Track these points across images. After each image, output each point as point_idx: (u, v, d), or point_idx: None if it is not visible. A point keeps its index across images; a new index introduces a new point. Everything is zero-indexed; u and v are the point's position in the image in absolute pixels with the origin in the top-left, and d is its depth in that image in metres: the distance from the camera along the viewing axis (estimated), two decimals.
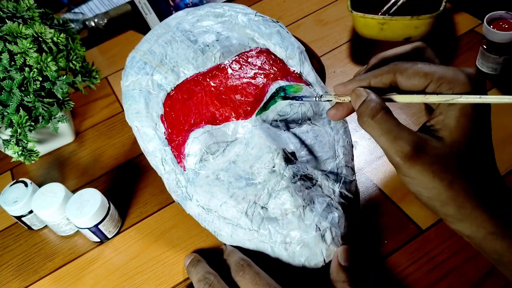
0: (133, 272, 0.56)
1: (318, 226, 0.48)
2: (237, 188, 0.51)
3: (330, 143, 0.53)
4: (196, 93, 0.54)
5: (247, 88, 0.54)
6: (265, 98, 0.53)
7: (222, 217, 0.51)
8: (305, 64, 0.58)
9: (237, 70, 0.55)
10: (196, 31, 0.58)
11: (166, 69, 0.55)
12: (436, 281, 0.49)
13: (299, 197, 0.48)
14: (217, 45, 0.56)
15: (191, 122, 0.53)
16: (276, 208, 0.49)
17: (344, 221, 0.50)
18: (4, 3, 0.62)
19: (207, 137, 0.52)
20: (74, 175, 0.68)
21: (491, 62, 0.65)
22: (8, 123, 0.59)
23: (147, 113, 0.55)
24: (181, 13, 0.61)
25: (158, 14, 0.91)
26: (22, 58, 0.58)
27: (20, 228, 0.63)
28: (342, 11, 0.83)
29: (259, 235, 0.49)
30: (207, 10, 0.61)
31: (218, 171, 0.52)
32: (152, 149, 0.55)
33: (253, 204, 0.50)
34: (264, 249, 0.50)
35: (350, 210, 0.51)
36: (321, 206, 0.49)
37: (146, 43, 0.59)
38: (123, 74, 0.58)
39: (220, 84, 0.54)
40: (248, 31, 0.59)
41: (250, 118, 0.53)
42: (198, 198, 0.52)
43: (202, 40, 0.57)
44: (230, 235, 0.51)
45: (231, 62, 0.56)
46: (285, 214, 0.48)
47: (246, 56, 0.57)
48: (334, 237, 0.48)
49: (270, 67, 0.56)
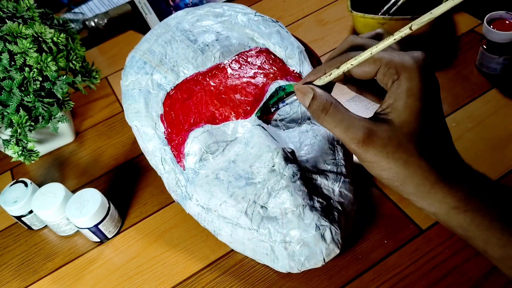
0: (133, 272, 0.56)
1: (318, 226, 0.48)
2: (236, 188, 0.51)
3: (329, 143, 0.53)
4: (196, 92, 0.54)
5: (247, 87, 0.54)
6: (264, 97, 0.53)
7: (222, 217, 0.51)
8: (304, 63, 0.58)
9: (237, 69, 0.55)
10: (195, 31, 0.58)
11: (166, 68, 0.55)
12: (436, 281, 0.49)
13: (299, 196, 0.48)
14: (217, 45, 0.56)
15: (191, 122, 0.53)
16: (275, 207, 0.49)
17: (344, 220, 0.50)
18: (4, 3, 0.62)
19: (206, 136, 0.52)
20: (74, 175, 0.68)
21: (491, 62, 0.65)
22: (8, 123, 0.59)
23: (146, 113, 0.55)
24: (180, 12, 0.61)
25: (158, 14, 0.91)
26: (22, 58, 0.58)
27: (20, 228, 0.63)
28: (342, 11, 0.83)
29: (258, 234, 0.49)
30: (206, 10, 0.61)
31: (217, 170, 0.52)
32: (151, 149, 0.55)
33: (252, 203, 0.50)
34: (263, 248, 0.50)
35: (350, 209, 0.51)
36: (321, 205, 0.49)
37: (146, 43, 0.59)
38: (123, 74, 0.59)
39: (220, 83, 0.54)
40: (248, 30, 0.59)
41: (250, 117, 0.53)
42: (197, 197, 0.52)
43: (202, 39, 0.57)
44: (230, 234, 0.51)
45: (230, 62, 0.56)
46: (285, 214, 0.48)
47: (245, 55, 0.57)
48: (334, 236, 0.48)
49: (270, 66, 0.56)
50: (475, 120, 0.62)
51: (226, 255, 0.55)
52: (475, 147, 0.59)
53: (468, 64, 0.69)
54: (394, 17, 0.68)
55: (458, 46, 0.72)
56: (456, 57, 0.71)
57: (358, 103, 0.67)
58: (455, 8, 0.78)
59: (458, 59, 0.70)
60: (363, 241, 0.53)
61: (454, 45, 0.73)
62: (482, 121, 0.62)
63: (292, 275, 0.52)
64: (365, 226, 0.54)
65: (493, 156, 0.58)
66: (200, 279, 0.54)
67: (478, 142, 0.60)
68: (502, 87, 0.65)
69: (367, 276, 0.51)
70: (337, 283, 0.51)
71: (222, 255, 0.55)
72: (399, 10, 0.72)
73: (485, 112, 0.63)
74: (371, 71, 0.38)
